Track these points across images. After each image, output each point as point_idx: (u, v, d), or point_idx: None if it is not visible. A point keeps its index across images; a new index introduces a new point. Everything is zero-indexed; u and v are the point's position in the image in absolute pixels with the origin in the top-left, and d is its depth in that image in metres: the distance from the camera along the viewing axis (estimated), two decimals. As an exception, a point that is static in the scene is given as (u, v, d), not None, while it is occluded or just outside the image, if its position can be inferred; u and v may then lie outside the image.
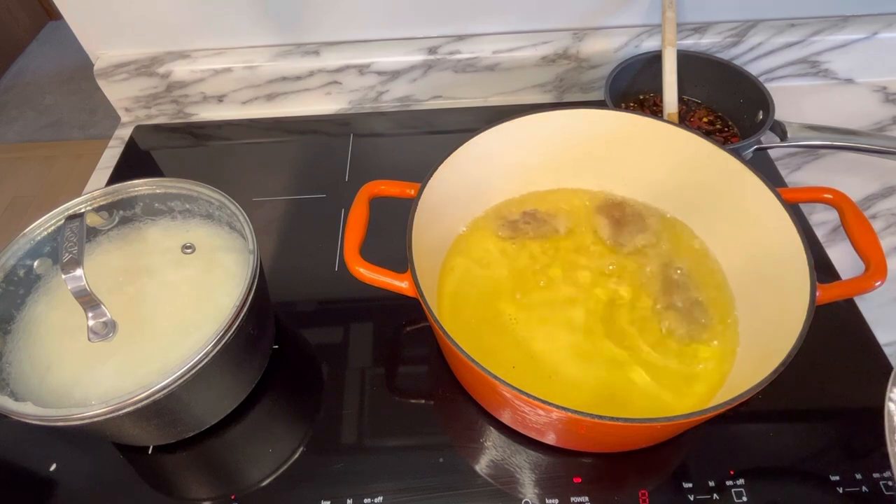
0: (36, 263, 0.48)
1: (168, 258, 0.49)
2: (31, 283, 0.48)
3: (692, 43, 0.72)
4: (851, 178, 0.65)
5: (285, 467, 0.46)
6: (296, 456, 0.47)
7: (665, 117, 0.62)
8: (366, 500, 0.44)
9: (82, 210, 0.49)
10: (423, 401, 0.50)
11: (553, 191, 0.59)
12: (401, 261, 0.43)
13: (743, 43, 0.72)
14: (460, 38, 0.73)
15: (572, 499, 0.44)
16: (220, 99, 0.76)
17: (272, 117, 0.77)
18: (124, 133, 0.76)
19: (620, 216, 0.56)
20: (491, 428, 0.48)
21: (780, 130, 0.62)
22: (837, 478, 0.44)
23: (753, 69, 0.73)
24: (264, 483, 0.46)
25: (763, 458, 0.45)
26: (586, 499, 0.43)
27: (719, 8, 0.72)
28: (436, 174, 0.48)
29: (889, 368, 0.50)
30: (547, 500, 0.44)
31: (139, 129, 0.77)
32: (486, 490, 0.44)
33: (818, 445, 0.46)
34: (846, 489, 0.43)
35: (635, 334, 0.48)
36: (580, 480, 0.45)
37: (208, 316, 0.44)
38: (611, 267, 0.53)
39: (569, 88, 0.77)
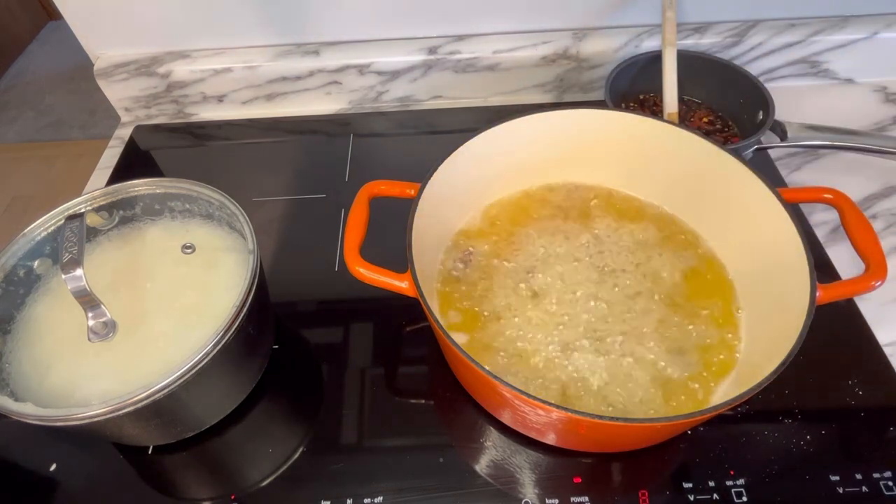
0: (36, 263, 0.48)
1: (168, 258, 0.49)
2: (31, 283, 0.48)
3: (692, 43, 0.72)
4: (851, 178, 0.65)
5: (285, 467, 0.46)
6: (296, 456, 0.47)
7: (665, 117, 0.62)
8: (366, 500, 0.44)
9: (82, 210, 0.49)
10: (423, 401, 0.50)
11: (553, 190, 0.59)
12: (401, 261, 0.43)
13: (743, 43, 0.72)
14: (460, 38, 0.73)
15: (572, 499, 0.44)
16: (220, 99, 0.76)
17: (272, 117, 0.77)
18: (124, 133, 0.76)
19: (621, 215, 0.56)
20: (491, 428, 0.48)
21: (780, 130, 0.62)
22: (837, 478, 0.44)
23: (753, 69, 0.73)
24: (264, 483, 0.46)
25: (763, 458, 0.45)
26: (586, 499, 0.43)
27: (719, 8, 0.72)
28: (436, 174, 0.48)
29: (889, 368, 0.50)
30: (547, 500, 0.44)
31: (139, 129, 0.77)
32: (486, 490, 0.44)
33: (818, 445, 0.46)
34: (846, 489, 0.43)
35: (636, 333, 0.48)
36: (580, 480, 0.45)
37: (208, 316, 0.44)
38: (611, 266, 0.53)
39: (569, 88, 0.77)
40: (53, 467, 0.47)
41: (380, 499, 0.44)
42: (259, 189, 0.68)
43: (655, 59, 0.65)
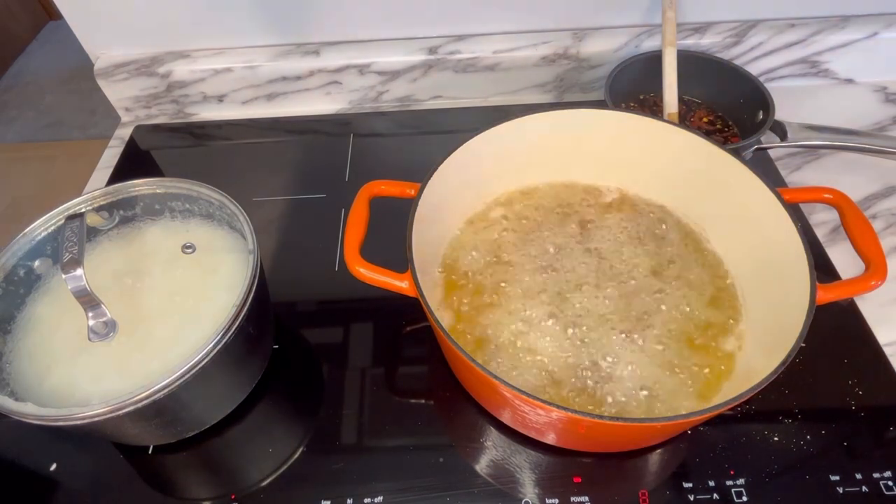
0: (36, 263, 0.48)
1: (168, 258, 0.49)
2: (32, 283, 0.48)
3: (692, 43, 0.72)
4: (851, 178, 0.65)
5: (285, 467, 0.46)
6: (296, 456, 0.47)
7: (665, 117, 0.62)
8: (366, 500, 0.44)
9: (82, 210, 0.49)
10: (423, 401, 0.50)
11: (553, 190, 0.59)
12: (401, 261, 0.43)
13: (743, 43, 0.72)
14: (460, 38, 0.73)
15: (572, 499, 0.44)
16: (220, 99, 0.76)
17: (272, 117, 0.77)
18: (124, 133, 0.76)
19: (621, 215, 0.56)
20: (491, 428, 0.48)
21: (780, 130, 0.62)
22: (837, 478, 0.44)
23: (753, 69, 0.73)
24: (264, 483, 0.46)
25: (763, 458, 0.45)
26: (586, 499, 0.44)
27: (719, 8, 0.72)
28: (436, 174, 0.48)
29: (889, 368, 0.50)
30: (547, 500, 0.44)
31: (139, 129, 0.77)
32: (486, 490, 0.44)
33: (818, 445, 0.46)
34: (846, 489, 0.43)
35: (635, 333, 0.48)
36: (580, 480, 0.45)
37: (208, 316, 0.44)
38: (609, 266, 0.53)
39: (569, 88, 0.77)
40: (53, 467, 0.47)
41: (380, 499, 0.44)
42: (259, 189, 0.68)
43: (655, 59, 0.65)
